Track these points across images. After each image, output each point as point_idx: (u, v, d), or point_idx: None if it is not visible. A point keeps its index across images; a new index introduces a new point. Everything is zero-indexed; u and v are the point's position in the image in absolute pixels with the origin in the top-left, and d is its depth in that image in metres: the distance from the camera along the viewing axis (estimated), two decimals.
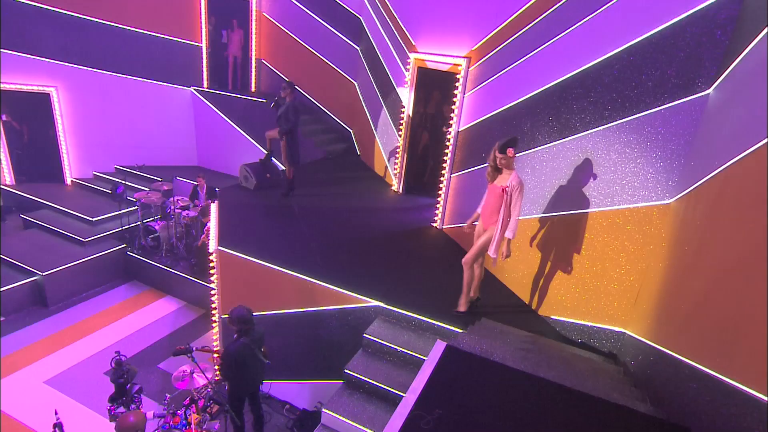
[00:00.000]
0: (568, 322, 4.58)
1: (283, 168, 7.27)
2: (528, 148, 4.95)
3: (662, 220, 3.71)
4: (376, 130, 8.64)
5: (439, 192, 6.64)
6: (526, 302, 5.07)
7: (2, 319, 7.19)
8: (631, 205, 3.92)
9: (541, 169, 4.79)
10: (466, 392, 2.76)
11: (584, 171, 4.29)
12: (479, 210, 4.54)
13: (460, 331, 4.36)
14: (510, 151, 4.00)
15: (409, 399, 2.48)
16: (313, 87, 10.28)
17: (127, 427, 3.15)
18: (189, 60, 10.28)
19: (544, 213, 4.77)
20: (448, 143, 6.50)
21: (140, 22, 9.61)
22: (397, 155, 7.74)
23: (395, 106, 7.73)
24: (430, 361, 2.96)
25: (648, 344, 3.49)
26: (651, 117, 3.70)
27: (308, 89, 10.30)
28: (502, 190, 4.08)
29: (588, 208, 4.25)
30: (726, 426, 2.23)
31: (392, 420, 2.36)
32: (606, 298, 4.21)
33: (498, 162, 4.10)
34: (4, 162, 9.22)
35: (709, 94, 3.35)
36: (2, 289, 7.19)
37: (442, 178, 6.60)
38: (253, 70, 10.70)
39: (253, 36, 10.45)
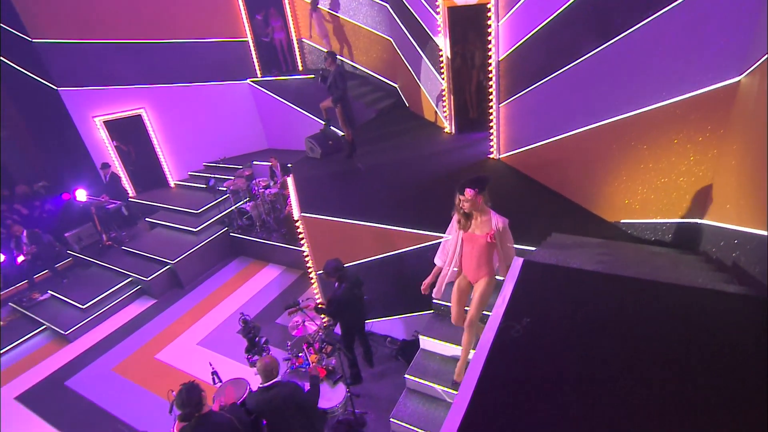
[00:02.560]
0: (639, 222, 4.29)
1: (343, 133, 7.29)
2: (571, 61, 4.50)
3: (730, 101, 3.24)
4: (419, 79, 8.30)
5: (491, 124, 6.32)
6: (593, 212, 4.79)
7: (155, 301, 8.21)
8: (692, 93, 3.45)
9: (587, 79, 4.36)
10: (549, 301, 2.72)
11: (635, 69, 3.83)
12: (438, 260, 3.67)
13: (534, 248, 4.25)
14: (469, 192, 3.07)
15: (497, 313, 2.50)
16: (353, 52, 10.03)
17: (266, 365, 3.55)
18: (241, 55, 10.42)
19: (597, 122, 4.38)
20: (490, 75, 6.10)
21: (193, 33, 9.82)
22: (444, 98, 7.43)
23: (433, 52, 7.33)
24: (510, 277, 2.93)
25: (729, 228, 3.18)
26: None
27: (349, 55, 10.06)
28: (488, 239, 3.22)
29: (644, 106, 3.82)
30: None
31: (485, 333, 2.40)
32: (676, 192, 3.85)
33: (462, 206, 3.21)
34: (125, 179, 10.17)
35: None
36: (150, 278, 8.19)
37: (490, 110, 6.26)
38: (297, 50, 10.63)
39: (290, 19, 10.29)
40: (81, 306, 7.89)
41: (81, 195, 9.03)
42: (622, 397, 1.98)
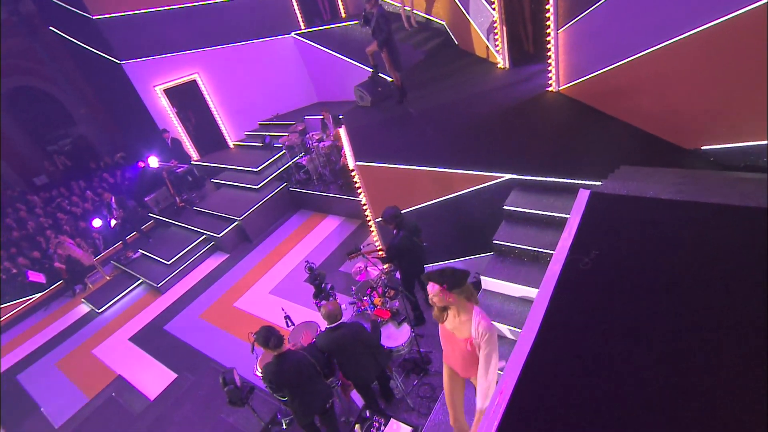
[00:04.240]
0: (723, 148, 3.84)
1: (391, 78, 7.07)
2: None
3: None
4: (468, 12, 7.71)
5: (548, 54, 5.80)
6: (668, 140, 4.35)
7: (227, 255, 8.87)
8: None
9: None
10: (620, 232, 2.56)
11: None
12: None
13: (599, 183, 3.98)
14: (431, 289, 2.44)
15: (563, 246, 2.40)
16: None
17: (329, 311, 3.78)
18: (282, 8, 10.23)
19: (673, 38, 3.84)
20: None
21: None
22: (495, 30, 6.88)
23: None
24: (576, 209, 2.78)
25: None
26: None
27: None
28: (467, 345, 2.51)
29: (732, 11, 3.28)
30: None
31: (550, 266, 2.33)
32: None
33: (432, 300, 2.54)
34: (188, 144, 10.73)
35: None
36: (221, 234, 8.83)
37: (548, 39, 5.72)
38: None
39: None
40: (166, 262, 8.74)
41: (153, 161, 9.70)
42: (707, 335, 1.87)
